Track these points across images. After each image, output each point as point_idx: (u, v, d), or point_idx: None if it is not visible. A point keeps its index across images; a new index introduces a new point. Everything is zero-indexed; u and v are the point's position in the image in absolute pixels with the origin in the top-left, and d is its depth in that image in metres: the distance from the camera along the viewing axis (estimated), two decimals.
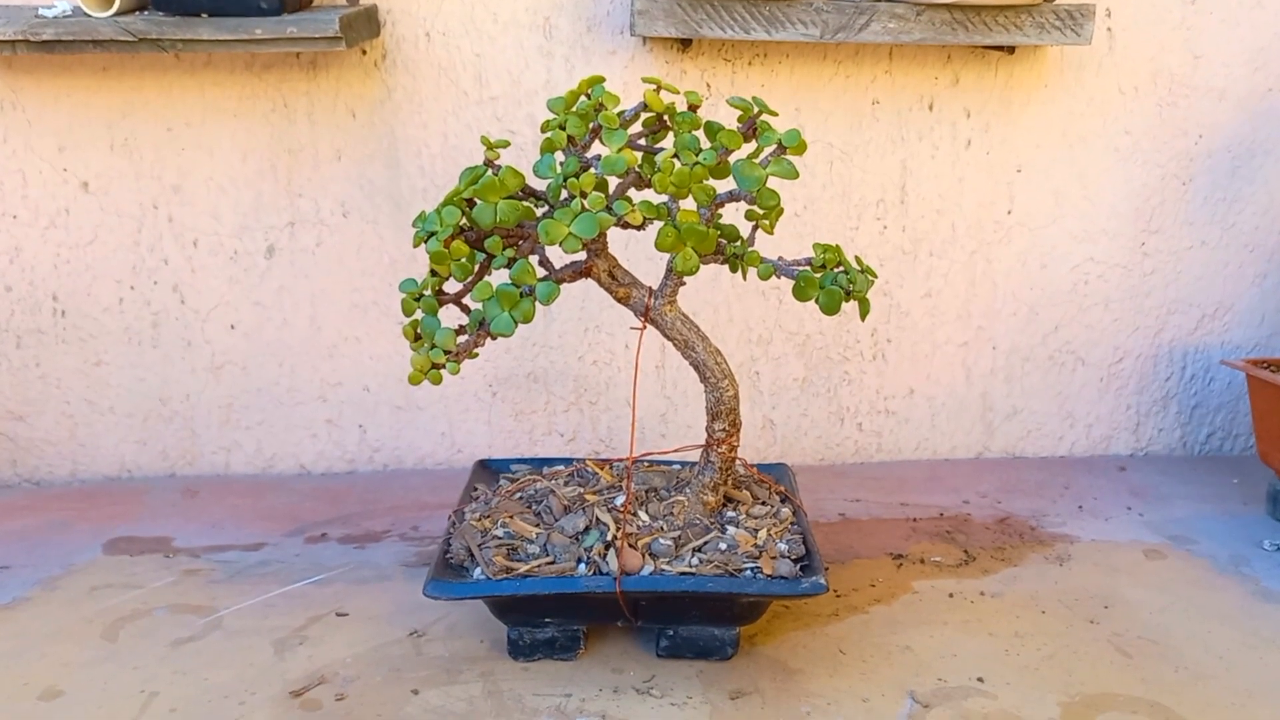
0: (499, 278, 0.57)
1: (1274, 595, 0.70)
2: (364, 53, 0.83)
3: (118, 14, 0.73)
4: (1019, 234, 0.91)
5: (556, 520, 0.63)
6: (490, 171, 0.57)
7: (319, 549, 0.76)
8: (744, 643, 0.63)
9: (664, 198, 0.57)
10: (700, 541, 0.61)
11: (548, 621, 0.61)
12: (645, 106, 0.59)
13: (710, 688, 0.58)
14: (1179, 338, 0.95)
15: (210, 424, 0.89)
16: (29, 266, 0.85)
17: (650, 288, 0.61)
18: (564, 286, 0.59)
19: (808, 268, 0.60)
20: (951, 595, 0.69)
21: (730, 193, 0.57)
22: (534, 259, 0.58)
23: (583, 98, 0.59)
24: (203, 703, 0.57)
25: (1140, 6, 0.87)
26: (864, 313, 0.60)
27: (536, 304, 0.56)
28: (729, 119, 0.60)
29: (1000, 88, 0.87)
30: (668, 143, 0.59)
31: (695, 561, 0.60)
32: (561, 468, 0.71)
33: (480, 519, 0.65)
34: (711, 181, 0.57)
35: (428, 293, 0.59)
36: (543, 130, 0.58)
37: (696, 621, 0.61)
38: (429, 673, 0.60)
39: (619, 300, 0.61)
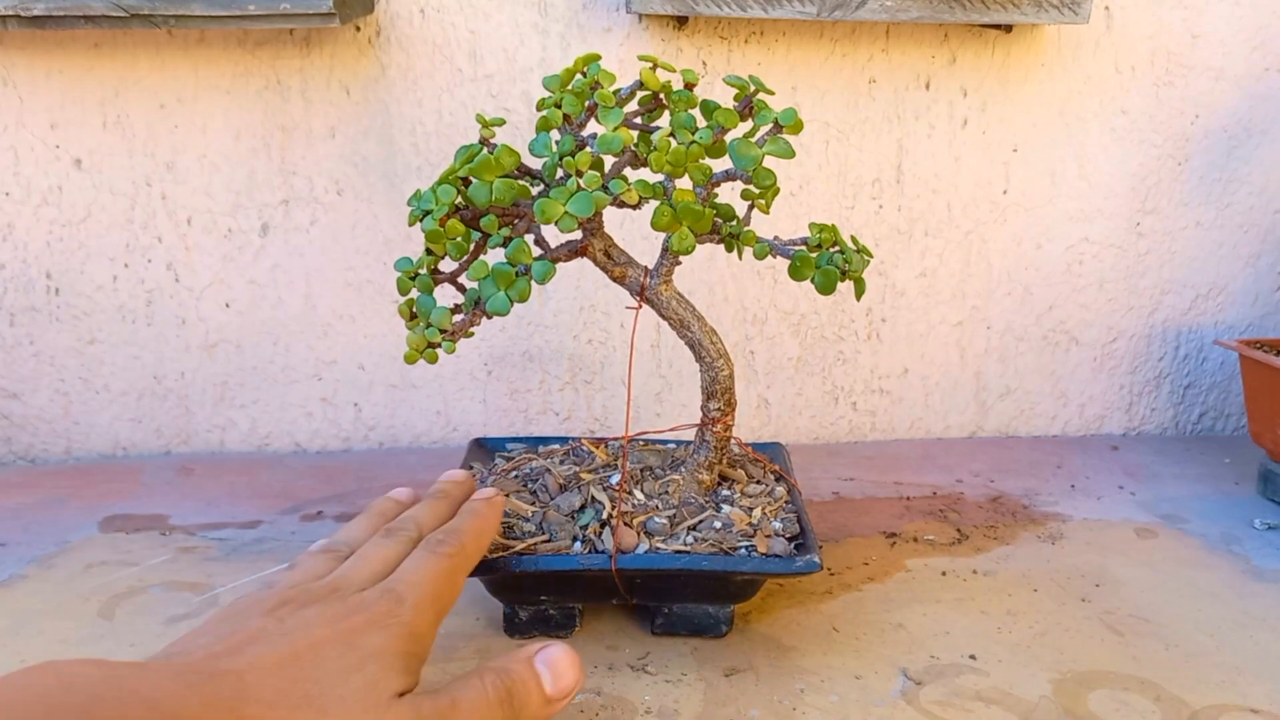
0: (495, 257, 0.57)
1: (1265, 574, 0.71)
2: (358, 29, 0.82)
3: None
4: (1015, 214, 0.91)
5: (552, 499, 0.64)
6: (486, 150, 0.57)
7: (315, 526, 0.76)
8: (738, 620, 0.63)
9: (660, 177, 0.57)
10: (695, 520, 0.62)
11: (543, 599, 0.61)
12: (641, 85, 0.58)
13: (705, 664, 0.59)
14: (1172, 318, 0.96)
15: (205, 402, 0.89)
16: (21, 244, 0.85)
17: (646, 267, 0.61)
18: (560, 266, 0.59)
19: (804, 247, 0.60)
20: (944, 573, 0.70)
21: (726, 172, 0.57)
22: (530, 238, 0.57)
23: (578, 75, 0.58)
24: None
25: None
26: (859, 292, 0.60)
27: (532, 283, 0.56)
28: (725, 97, 0.60)
29: (997, 67, 0.87)
30: (664, 121, 0.58)
31: (690, 540, 0.60)
32: (557, 446, 0.71)
33: None
34: (708, 160, 0.57)
35: (423, 271, 0.59)
36: (538, 108, 0.58)
37: (691, 599, 0.61)
38: None
39: (615, 279, 0.61)
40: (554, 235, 0.59)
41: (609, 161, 0.58)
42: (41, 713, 0.31)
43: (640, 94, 0.60)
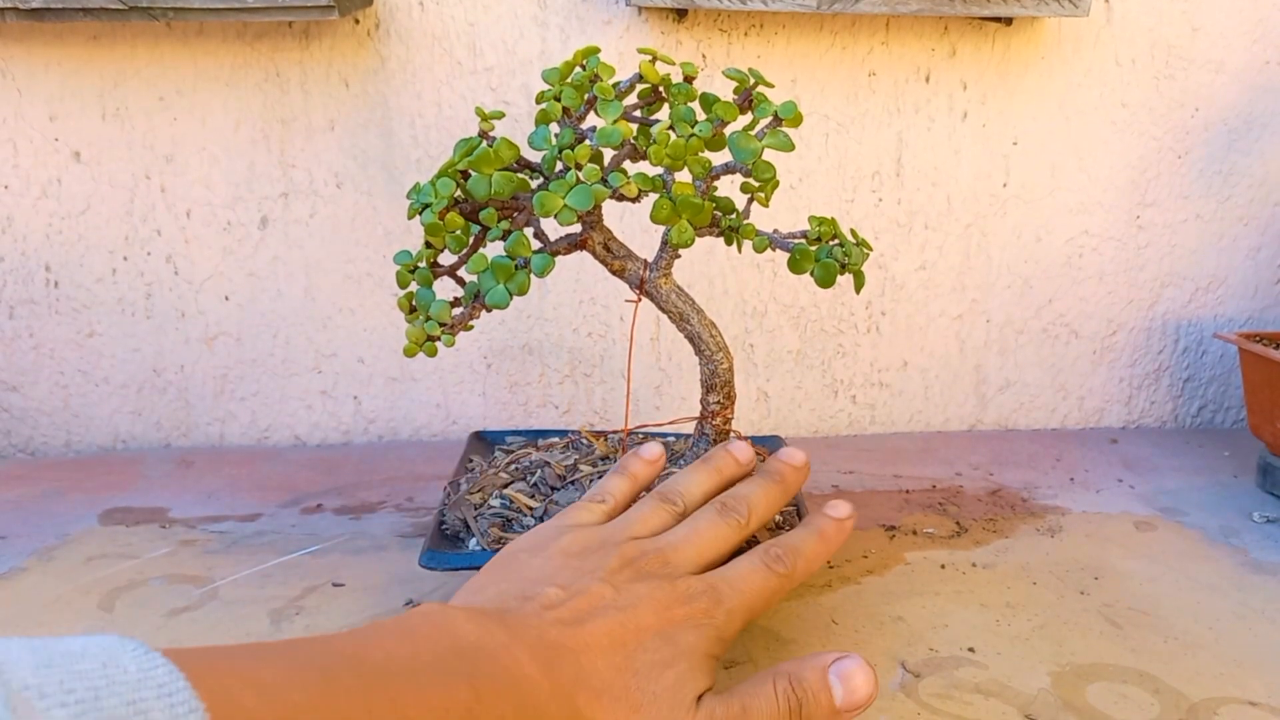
0: (494, 250, 0.57)
1: (1263, 566, 0.71)
2: (357, 22, 0.82)
3: None
4: (1014, 207, 0.91)
5: (554, 490, 0.64)
6: (485, 143, 0.57)
7: (315, 519, 0.76)
8: None
9: (659, 170, 0.57)
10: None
11: None
12: (640, 78, 0.58)
13: None
14: (1172, 311, 0.96)
15: (204, 395, 0.89)
16: (21, 237, 0.84)
17: (645, 260, 0.61)
18: (559, 259, 0.59)
19: (803, 240, 0.60)
20: (943, 566, 0.70)
21: (726, 165, 0.57)
22: (529, 231, 0.57)
23: (578, 68, 0.58)
24: None
25: None
26: (859, 286, 0.60)
27: (531, 276, 0.56)
28: (725, 90, 0.60)
29: (997, 60, 0.87)
30: (663, 114, 0.58)
31: None
32: (556, 439, 0.71)
33: (475, 490, 0.65)
34: (707, 154, 0.57)
35: (422, 264, 0.59)
36: (537, 101, 0.58)
37: None
38: None
39: (614, 273, 0.61)
40: (553, 228, 0.59)
41: (608, 154, 0.58)
42: (446, 647, 0.35)
43: (640, 87, 0.59)
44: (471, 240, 0.58)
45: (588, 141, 0.56)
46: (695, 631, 0.42)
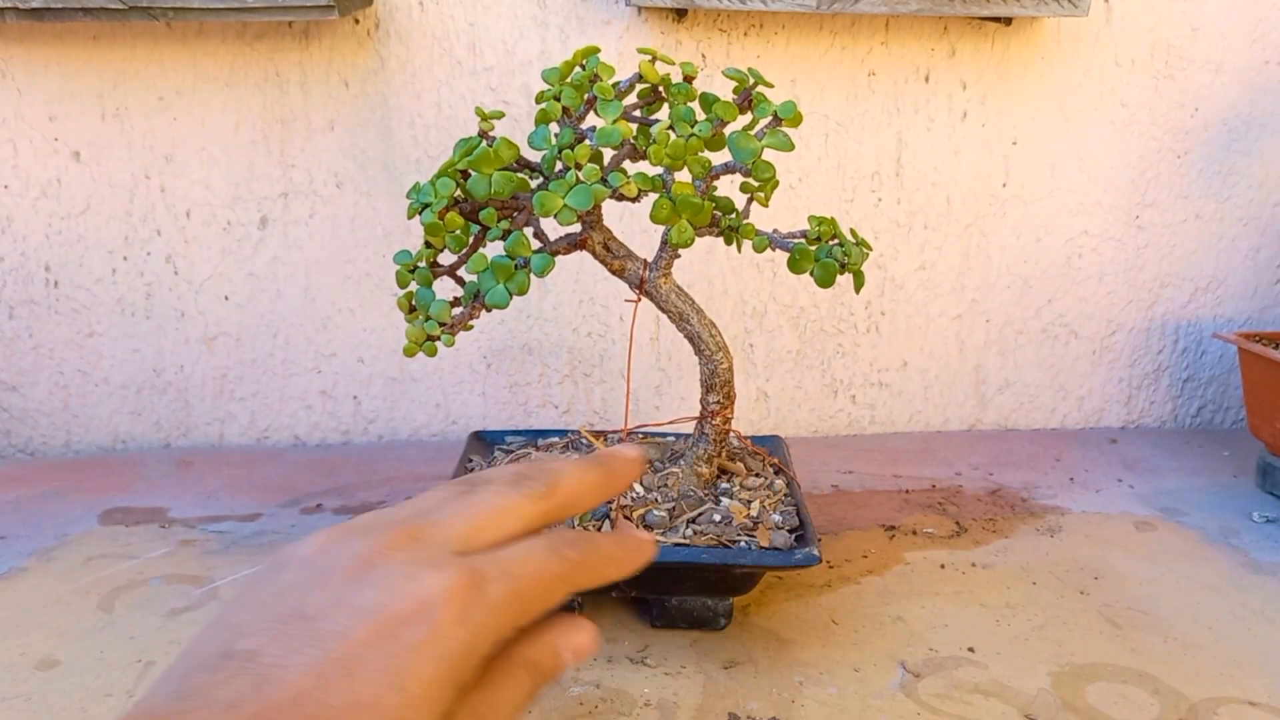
0: (494, 250, 0.57)
1: (1263, 567, 0.71)
2: (356, 22, 0.82)
3: None
4: (1014, 207, 0.91)
5: None
6: (485, 143, 0.57)
7: (314, 519, 0.76)
8: (737, 613, 0.63)
9: (659, 169, 0.57)
10: (695, 513, 0.62)
11: None
12: (640, 78, 0.58)
13: (704, 657, 0.59)
14: (1171, 311, 0.96)
15: (204, 395, 0.89)
16: (20, 237, 0.84)
17: (645, 260, 0.61)
18: (559, 259, 0.59)
19: (803, 240, 0.60)
20: (943, 566, 0.70)
21: (725, 165, 0.57)
22: (529, 231, 0.57)
23: (577, 68, 0.58)
24: None
25: None
26: (859, 285, 0.60)
27: (531, 276, 0.56)
28: (724, 90, 0.60)
29: (997, 60, 0.87)
30: (663, 114, 0.58)
31: (689, 533, 0.60)
32: (556, 439, 0.71)
33: None
34: (707, 153, 0.57)
35: (422, 264, 0.59)
36: (537, 101, 0.58)
37: (690, 592, 0.61)
38: None
39: (614, 273, 0.60)
40: (553, 228, 0.59)
41: (608, 154, 0.58)
42: None
43: (639, 87, 0.59)
44: (471, 240, 0.58)
45: (588, 141, 0.56)
46: (427, 654, 0.26)
